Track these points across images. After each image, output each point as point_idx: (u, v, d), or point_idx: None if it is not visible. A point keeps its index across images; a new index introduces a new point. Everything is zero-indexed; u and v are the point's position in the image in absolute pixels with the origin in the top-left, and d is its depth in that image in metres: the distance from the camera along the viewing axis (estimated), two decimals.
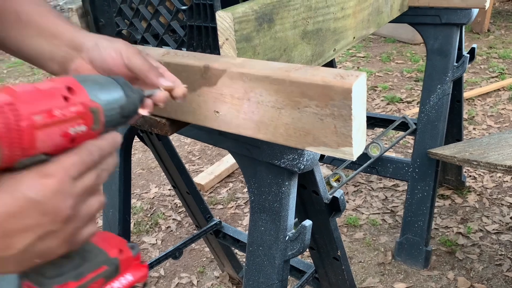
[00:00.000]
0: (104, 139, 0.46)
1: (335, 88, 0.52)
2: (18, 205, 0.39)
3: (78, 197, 0.43)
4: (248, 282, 0.95)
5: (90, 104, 0.43)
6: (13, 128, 0.37)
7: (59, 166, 0.41)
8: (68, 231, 0.43)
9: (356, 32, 1.02)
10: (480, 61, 3.97)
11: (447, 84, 1.71)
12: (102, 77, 0.48)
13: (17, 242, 0.40)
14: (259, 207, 0.89)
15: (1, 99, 0.37)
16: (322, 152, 0.58)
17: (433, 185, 1.80)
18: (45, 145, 0.40)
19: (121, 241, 0.52)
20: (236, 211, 2.38)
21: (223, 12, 0.62)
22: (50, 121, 0.40)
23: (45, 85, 0.41)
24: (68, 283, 0.46)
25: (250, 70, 0.59)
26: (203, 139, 0.98)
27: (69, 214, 0.42)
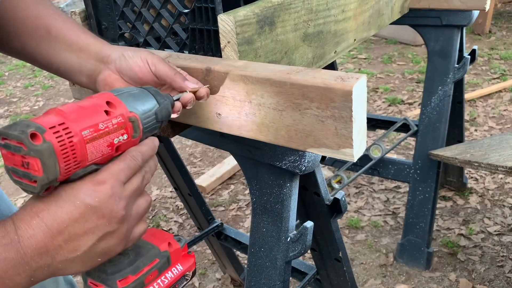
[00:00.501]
0: (144, 144, 0.51)
1: (336, 90, 0.52)
2: (79, 212, 0.44)
3: (128, 198, 0.48)
4: (250, 283, 0.95)
5: (128, 115, 0.48)
6: (67, 145, 0.42)
7: (109, 173, 0.47)
8: (123, 230, 0.48)
9: (357, 34, 1.02)
10: (481, 62, 3.97)
11: (448, 85, 1.71)
12: (135, 89, 0.52)
13: (81, 244, 0.45)
14: (261, 208, 0.90)
15: (53, 120, 0.43)
16: (323, 154, 0.58)
17: (434, 186, 1.80)
18: (95, 156, 0.45)
19: (169, 235, 0.58)
20: (237, 213, 2.39)
21: (225, 15, 0.63)
22: (97, 134, 0.45)
23: (87, 102, 0.47)
24: (128, 277, 0.51)
25: (251, 72, 0.59)
26: (205, 141, 0.98)
27: (123, 215, 0.47)
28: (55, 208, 0.44)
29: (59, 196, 0.45)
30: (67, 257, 0.45)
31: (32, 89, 4.52)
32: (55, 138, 0.42)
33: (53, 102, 4.10)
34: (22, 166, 0.43)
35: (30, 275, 0.44)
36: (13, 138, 0.42)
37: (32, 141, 0.41)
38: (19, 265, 0.43)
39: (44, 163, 0.41)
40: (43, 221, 0.44)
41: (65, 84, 4.49)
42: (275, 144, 0.62)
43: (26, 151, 0.41)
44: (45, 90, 4.42)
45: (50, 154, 0.42)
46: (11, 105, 4.14)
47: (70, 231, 0.44)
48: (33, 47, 0.65)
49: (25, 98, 4.30)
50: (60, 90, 4.39)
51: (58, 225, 0.44)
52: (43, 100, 4.18)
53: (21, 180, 0.44)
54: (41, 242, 0.44)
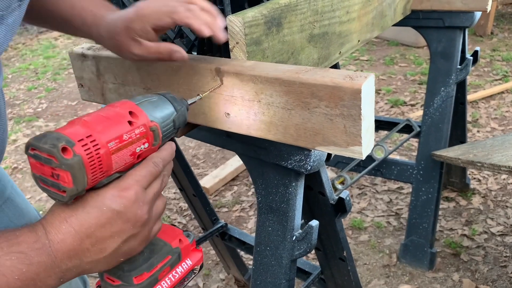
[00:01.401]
0: (164, 150, 0.53)
1: (345, 88, 0.53)
2: (106, 217, 0.47)
3: (150, 202, 0.51)
4: (256, 282, 0.96)
5: (150, 125, 0.50)
6: (95, 157, 0.44)
7: (133, 180, 0.49)
8: (146, 232, 0.51)
9: (361, 36, 1.03)
10: (483, 63, 3.97)
11: (451, 86, 1.72)
12: (154, 96, 0.54)
13: (107, 246, 0.48)
14: (266, 207, 0.91)
15: (82, 132, 0.44)
16: (332, 152, 0.59)
17: (437, 187, 1.80)
18: (118, 166, 0.47)
19: (179, 231, 0.60)
20: (241, 214, 2.39)
21: (234, 16, 0.64)
22: (121, 145, 0.47)
23: (110, 112, 0.48)
24: (143, 274, 0.54)
25: (260, 72, 0.60)
26: (211, 141, 0.99)
27: (146, 218, 0.50)
28: (83, 214, 0.46)
29: (86, 203, 0.47)
30: (93, 259, 0.48)
31: (35, 91, 4.54)
32: (83, 151, 0.43)
33: (56, 104, 4.12)
34: (51, 177, 0.44)
35: (60, 276, 0.47)
36: (44, 151, 0.43)
37: (63, 155, 0.42)
38: (50, 268, 0.45)
39: (74, 176, 0.43)
40: (72, 226, 0.46)
41: (68, 86, 4.51)
42: (284, 142, 0.63)
43: (57, 164, 0.43)
44: (48, 93, 4.44)
45: (80, 167, 0.43)
46: (15, 107, 4.16)
47: (97, 235, 0.47)
48: None
49: (28, 100, 4.32)
50: (63, 92, 4.41)
51: (86, 230, 0.46)
52: (46, 102, 4.20)
53: (49, 189, 0.45)
54: (70, 246, 0.46)
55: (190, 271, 0.60)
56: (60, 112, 3.95)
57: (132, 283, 0.53)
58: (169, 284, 0.56)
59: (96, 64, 0.83)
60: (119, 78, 0.81)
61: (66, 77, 4.77)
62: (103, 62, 0.81)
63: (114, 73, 0.81)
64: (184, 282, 0.60)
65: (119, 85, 0.81)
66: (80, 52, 0.85)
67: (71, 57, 0.88)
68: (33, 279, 0.44)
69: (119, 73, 0.80)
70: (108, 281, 0.54)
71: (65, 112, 3.95)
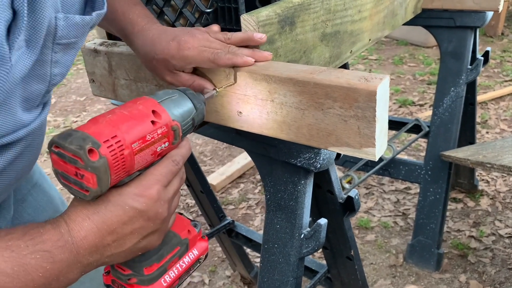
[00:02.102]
0: (183, 147, 0.54)
1: (360, 90, 0.53)
2: (128, 215, 0.48)
3: (170, 200, 0.52)
4: (263, 279, 0.96)
5: (172, 124, 0.51)
6: (119, 158, 0.44)
7: (154, 179, 0.49)
8: (164, 228, 0.53)
9: (372, 34, 1.03)
10: (493, 64, 3.94)
11: (461, 86, 1.71)
12: (175, 93, 0.53)
13: (127, 242, 0.49)
14: (275, 205, 0.91)
15: (107, 133, 0.44)
16: (345, 153, 0.59)
17: (445, 187, 1.79)
18: (140, 165, 0.48)
19: (187, 222, 0.61)
20: (247, 212, 2.40)
21: (248, 15, 0.64)
22: (144, 145, 0.47)
23: (134, 110, 0.48)
24: (153, 265, 0.55)
25: (274, 72, 0.60)
26: (220, 138, 1.00)
27: (165, 216, 0.51)
28: (105, 211, 0.47)
29: (108, 201, 0.48)
30: (113, 253, 0.49)
31: None
32: (109, 153, 0.43)
33: (65, 100, 4.15)
34: (75, 175, 0.44)
35: (81, 270, 0.48)
36: (69, 151, 0.43)
37: (89, 157, 0.42)
38: (72, 264, 0.46)
39: (100, 178, 0.43)
40: (94, 223, 0.47)
41: (77, 82, 4.54)
42: (296, 142, 0.63)
43: (83, 165, 0.43)
44: (56, 88, 4.47)
45: (105, 169, 0.43)
46: None
47: (118, 232, 0.48)
48: None
49: None
50: (71, 87, 4.44)
51: (108, 227, 0.47)
52: (55, 97, 4.23)
53: (71, 186, 0.45)
54: (92, 243, 0.47)
55: (196, 261, 0.61)
56: (68, 107, 3.98)
57: (142, 273, 0.54)
58: (176, 274, 0.57)
59: (108, 60, 0.83)
60: (131, 75, 0.81)
61: (75, 73, 4.80)
62: (115, 58, 0.82)
63: (126, 69, 0.81)
64: (189, 271, 0.60)
65: (131, 81, 0.82)
66: (92, 47, 0.86)
67: (83, 52, 0.89)
68: (56, 275, 0.45)
69: (131, 70, 0.80)
70: (119, 269, 0.55)
71: (73, 107, 3.97)
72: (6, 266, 0.42)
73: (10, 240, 0.44)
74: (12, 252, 0.43)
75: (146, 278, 0.54)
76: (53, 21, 0.46)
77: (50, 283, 0.45)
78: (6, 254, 0.43)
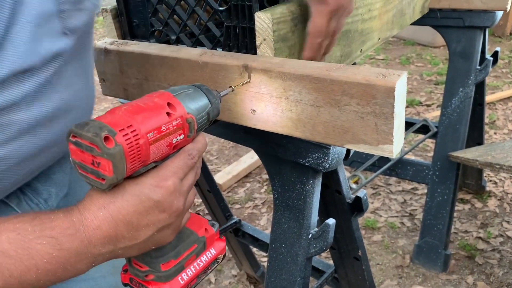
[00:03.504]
0: (198, 142, 0.54)
1: (378, 86, 0.53)
2: (144, 206, 0.47)
3: (186, 194, 0.52)
4: (270, 278, 0.96)
5: (186, 116, 0.51)
6: (134, 147, 0.45)
7: (170, 171, 0.49)
8: (179, 222, 0.52)
9: (381, 33, 1.03)
10: (502, 65, 3.91)
11: (470, 87, 1.70)
12: (190, 88, 0.54)
13: (142, 234, 0.49)
14: (283, 205, 0.91)
15: (123, 122, 0.45)
16: (361, 150, 0.59)
17: (453, 188, 1.79)
18: (156, 156, 0.48)
19: (204, 221, 0.61)
20: (253, 211, 2.40)
21: (262, 13, 0.64)
22: (159, 136, 0.47)
23: (149, 102, 0.49)
24: (170, 261, 0.55)
25: (290, 69, 0.60)
26: (228, 137, 1.00)
27: (181, 209, 0.51)
28: (121, 201, 0.47)
29: (125, 191, 0.47)
30: (127, 245, 0.49)
31: None
32: (124, 141, 0.44)
33: None
34: (91, 164, 0.45)
35: (91, 261, 0.47)
36: (86, 139, 0.44)
37: (105, 144, 0.43)
38: (81, 254, 0.46)
39: (115, 165, 0.44)
40: (110, 213, 0.46)
41: None
42: (311, 140, 0.63)
43: (100, 153, 0.43)
44: None
45: (121, 157, 0.44)
46: None
47: (134, 222, 0.48)
48: None
49: None
50: None
51: (124, 217, 0.47)
52: None
53: (88, 175, 0.46)
54: (105, 233, 0.46)
55: (214, 260, 0.60)
56: None
57: (159, 270, 0.54)
58: (193, 272, 0.57)
59: (119, 59, 0.83)
60: (142, 74, 0.81)
61: None
62: (126, 57, 0.82)
63: (138, 68, 0.81)
64: (207, 271, 0.60)
65: (142, 80, 0.82)
66: (102, 46, 0.86)
67: None
68: (62, 263, 0.44)
69: (142, 69, 0.81)
70: (136, 266, 0.55)
71: None
72: (10, 247, 0.42)
73: (19, 222, 0.44)
74: (18, 235, 0.43)
75: (163, 275, 0.54)
76: None
77: (56, 270, 0.45)
78: (12, 236, 0.42)
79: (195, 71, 0.71)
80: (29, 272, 0.43)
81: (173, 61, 0.74)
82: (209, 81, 0.70)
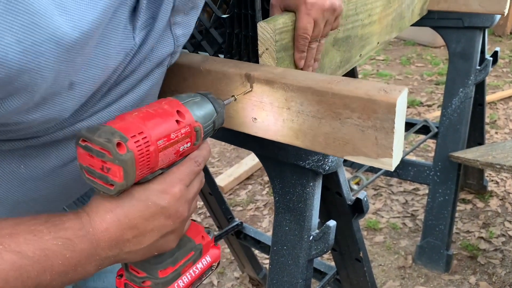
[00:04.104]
0: (203, 149, 0.55)
1: (379, 102, 0.53)
2: (150, 211, 0.48)
3: (191, 201, 0.53)
4: (272, 281, 0.96)
5: (194, 125, 0.52)
6: (145, 153, 0.45)
7: (177, 178, 0.50)
8: (182, 229, 0.53)
9: (380, 37, 1.03)
10: (502, 64, 3.91)
11: (470, 87, 1.70)
12: (197, 96, 0.55)
13: (146, 239, 0.50)
14: (284, 207, 0.91)
15: (134, 128, 0.45)
16: (361, 162, 0.59)
17: (454, 188, 1.79)
18: (163, 163, 0.49)
19: (201, 228, 0.61)
20: (255, 213, 2.40)
21: (265, 23, 0.64)
22: (168, 143, 0.48)
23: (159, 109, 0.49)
24: (168, 268, 0.55)
25: (292, 81, 0.60)
26: (228, 140, 1.00)
27: (185, 216, 0.51)
28: (128, 206, 0.48)
29: (132, 196, 0.48)
30: (131, 249, 0.49)
31: None
32: (136, 147, 0.44)
33: None
34: (100, 169, 0.45)
35: (99, 264, 0.48)
36: (98, 145, 0.44)
37: (118, 150, 0.43)
38: (91, 256, 0.46)
39: (126, 171, 0.44)
40: (117, 216, 0.47)
41: None
42: (312, 150, 0.63)
43: (111, 158, 0.43)
44: None
45: (132, 163, 0.44)
46: None
47: (139, 227, 0.48)
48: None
49: None
50: None
51: (130, 221, 0.48)
52: None
53: (96, 180, 0.46)
54: (113, 236, 0.47)
55: (208, 268, 0.61)
56: None
57: (157, 276, 0.54)
58: (189, 279, 0.58)
59: None
60: None
61: None
62: None
63: None
64: (202, 278, 0.61)
65: None
66: None
67: None
68: (74, 265, 0.45)
69: None
70: (133, 272, 0.55)
71: None
72: (28, 248, 0.42)
73: (34, 225, 0.44)
74: (35, 236, 0.43)
75: (161, 281, 0.54)
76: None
77: (68, 272, 0.45)
78: (29, 237, 0.43)
79: (197, 79, 0.71)
80: (45, 273, 0.43)
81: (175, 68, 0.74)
82: (211, 89, 0.70)
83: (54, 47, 0.40)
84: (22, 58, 0.38)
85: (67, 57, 0.42)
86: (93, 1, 0.42)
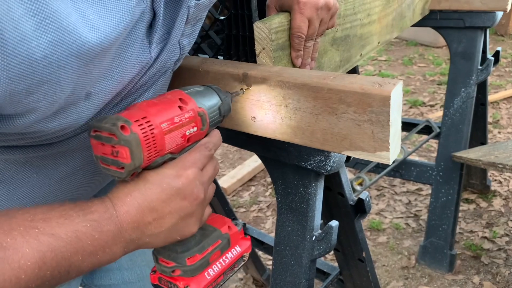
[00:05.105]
0: (213, 136, 0.58)
1: (374, 95, 0.54)
2: (166, 193, 0.51)
3: (206, 184, 0.55)
4: (275, 281, 0.97)
5: (198, 110, 0.54)
6: (149, 136, 0.49)
7: (189, 161, 0.53)
8: (200, 212, 0.56)
9: (381, 37, 1.04)
10: (504, 63, 3.90)
11: (471, 87, 1.70)
12: (200, 87, 0.58)
13: (166, 222, 0.52)
14: (286, 208, 0.92)
15: (137, 114, 0.48)
16: (359, 156, 0.60)
17: (457, 188, 1.79)
18: (171, 146, 0.52)
19: (227, 220, 0.63)
20: (258, 214, 2.41)
21: (261, 23, 0.65)
22: (173, 127, 0.51)
23: (162, 99, 0.53)
24: (195, 255, 0.57)
25: (288, 78, 0.61)
26: (231, 142, 1.01)
27: (202, 198, 0.53)
28: (145, 189, 0.51)
29: (146, 180, 0.51)
30: (153, 232, 0.52)
31: None
32: (140, 130, 0.48)
33: None
34: (111, 155, 0.48)
35: (124, 246, 0.50)
36: (105, 130, 0.48)
37: (122, 132, 0.47)
38: (117, 237, 0.49)
39: (132, 151, 0.47)
40: (136, 199, 0.50)
41: None
42: (310, 147, 0.64)
43: (117, 141, 0.47)
44: None
45: (137, 143, 0.47)
46: None
47: (158, 209, 0.51)
48: None
49: None
50: None
51: (149, 203, 0.50)
52: None
53: (109, 167, 0.50)
54: (134, 218, 0.50)
55: (239, 258, 0.62)
56: None
57: (185, 264, 0.56)
58: (220, 268, 0.59)
59: None
60: None
61: None
62: None
63: None
64: (234, 268, 0.62)
65: None
66: None
67: None
68: (102, 246, 0.48)
69: None
70: (163, 263, 0.57)
71: None
72: (61, 230, 0.45)
73: (64, 210, 0.47)
74: (66, 220, 0.46)
75: (189, 269, 0.56)
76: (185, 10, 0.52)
77: (97, 253, 0.48)
78: (61, 221, 0.46)
79: (196, 79, 0.72)
80: (77, 254, 0.46)
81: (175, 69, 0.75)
82: None
83: (75, 61, 0.43)
84: (45, 71, 0.41)
85: (86, 69, 0.45)
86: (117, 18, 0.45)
